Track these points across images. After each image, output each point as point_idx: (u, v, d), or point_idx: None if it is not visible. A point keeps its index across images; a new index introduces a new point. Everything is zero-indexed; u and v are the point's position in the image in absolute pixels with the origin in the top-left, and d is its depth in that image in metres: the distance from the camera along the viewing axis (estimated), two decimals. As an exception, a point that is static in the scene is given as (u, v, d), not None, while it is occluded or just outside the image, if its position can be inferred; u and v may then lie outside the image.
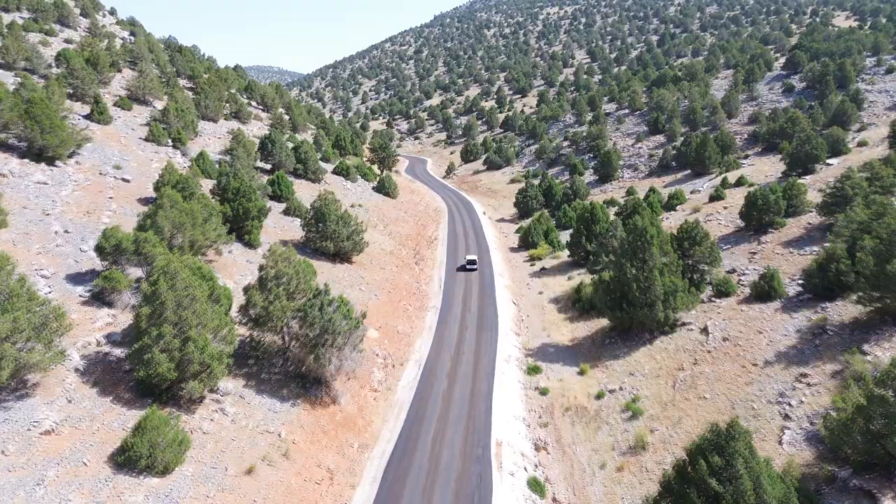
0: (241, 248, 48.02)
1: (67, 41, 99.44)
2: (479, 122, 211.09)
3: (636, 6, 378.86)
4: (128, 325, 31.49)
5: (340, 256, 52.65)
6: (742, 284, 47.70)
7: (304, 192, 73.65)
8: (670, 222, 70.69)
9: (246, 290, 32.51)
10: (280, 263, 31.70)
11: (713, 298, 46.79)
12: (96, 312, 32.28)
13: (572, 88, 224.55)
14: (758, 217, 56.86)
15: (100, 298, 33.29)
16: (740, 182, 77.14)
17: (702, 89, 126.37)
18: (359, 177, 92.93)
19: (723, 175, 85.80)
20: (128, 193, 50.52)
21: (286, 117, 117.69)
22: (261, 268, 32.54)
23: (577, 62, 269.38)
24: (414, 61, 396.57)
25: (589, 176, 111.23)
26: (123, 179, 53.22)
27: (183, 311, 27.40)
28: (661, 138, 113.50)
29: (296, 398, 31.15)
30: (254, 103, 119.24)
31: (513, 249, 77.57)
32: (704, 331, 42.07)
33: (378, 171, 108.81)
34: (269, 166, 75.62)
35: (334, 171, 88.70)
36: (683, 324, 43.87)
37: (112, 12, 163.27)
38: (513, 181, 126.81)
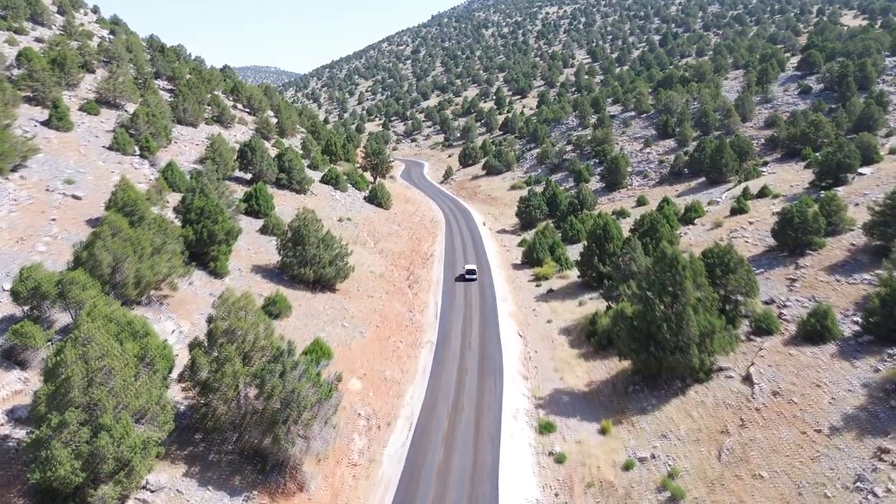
0: (205, 277, 41.48)
1: (38, 40, 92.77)
2: (478, 124, 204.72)
3: (636, 5, 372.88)
4: (40, 394, 24.90)
5: (322, 284, 46.11)
6: (784, 319, 41.27)
7: (288, 205, 67.12)
8: (689, 238, 64.31)
9: (192, 347, 26.01)
10: (233, 316, 25.23)
11: (752, 336, 40.34)
12: (3, 377, 25.74)
13: (573, 89, 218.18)
14: (794, 236, 50.42)
15: (10, 357, 26.76)
16: (763, 193, 70.75)
17: (712, 91, 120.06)
18: (349, 186, 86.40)
19: (742, 184, 79.47)
20: (76, 214, 43.94)
21: (274, 121, 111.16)
22: (209, 319, 26.04)
23: (577, 62, 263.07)
24: (411, 61, 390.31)
25: (595, 183, 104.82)
26: (74, 196, 46.64)
27: (96, 388, 20.91)
28: (671, 143, 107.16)
29: (251, 488, 24.61)
30: (239, 106, 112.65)
31: (516, 266, 71.10)
32: (747, 380, 35.60)
33: (371, 179, 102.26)
34: (248, 176, 69.08)
35: (322, 180, 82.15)
36: (720, 369, 37.41)
37: (95, 10, 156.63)
38: (513, 187, 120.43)
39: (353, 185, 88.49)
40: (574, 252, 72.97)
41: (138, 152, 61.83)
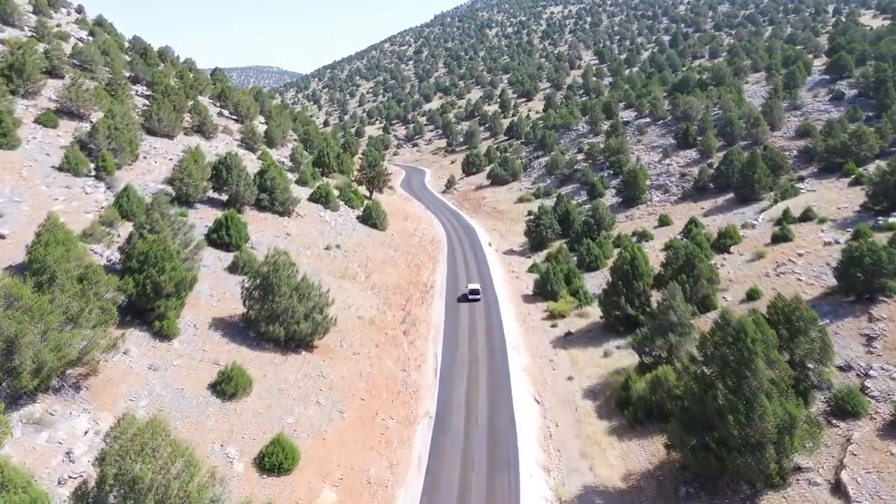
0: (147, 341, 33.33)
1: (3, 42, 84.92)
2: (482, 128, 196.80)
3: (643, 5, 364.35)
4: None
5: (297, 342, 37.94)
6: (870, 396, 32.99)
7: (268, 231, 59.05)
8: (727, 272, 55.95)
9: (76, 498, 17.86)
10: (132, 454, 17.13)
11: (832, 419, 32.12)
12: None
13: (581, 91, 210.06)
14: (863, 280, 42.10)
15: None
16: (808, 216, 62.50)
17: (734, 96, 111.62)
18: (341, 204, 78.24)
19: (778, 203, 71.16)
20: (-5, 258, 35.88)
21: (264, 128, 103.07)
22: (99, 459, 17.87)
23: (584, 64, 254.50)
24: (413, 62, 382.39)
25: (610, 197, 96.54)
26: (-3, 235, 38.62)
27: None
28: (692, 153, 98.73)
29: None
30: (226, 112, 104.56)
31: (527, 298, 62.91)
32: (839, 491, 27.34)
33: (366, 192, 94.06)
34: (225, 198, 60.97)
35: (311, 198, 73.99)
36: (799, 469, 29.15)
37: (79, 10, 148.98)
38: (521, 200, 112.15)
39: (347, 202, 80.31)
40: (593, 282, 64.87)
41: (93, 172, 53.79)
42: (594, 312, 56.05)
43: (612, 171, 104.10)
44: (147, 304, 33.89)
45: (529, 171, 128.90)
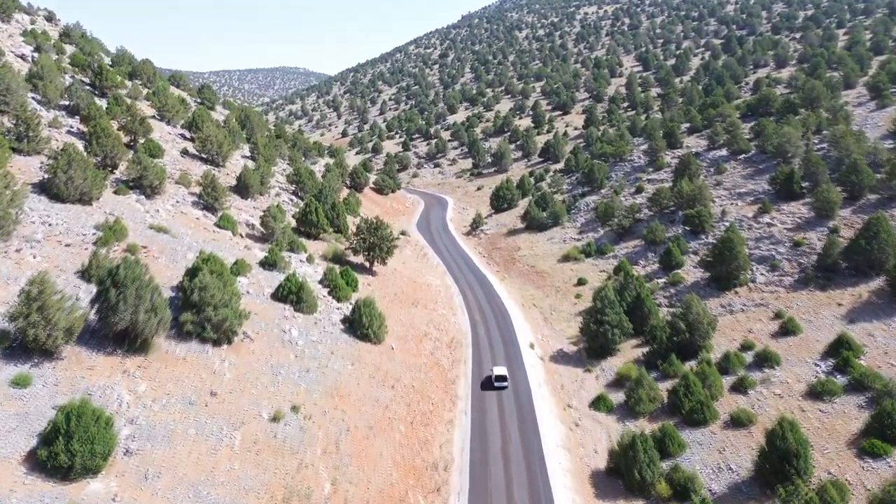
0: None
1: None
2: (513, 147, 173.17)
3: (687, 4, 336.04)
4: None
5: None
6: None
7: (179, 390, 36.22)
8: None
9: None
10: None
11: None
12: None
13: (625, 105, 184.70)
14: None
15: None
16: None
17: (844, 126, 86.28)
18: (321, 295, 55.40)
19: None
20: None
21: (242, 166, 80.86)
22: None
23: (626, 71, 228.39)
24: (439, 66, 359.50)
25: (690, 267, 72.18)
26: None
27: None
28: (801, 209, 73.53)
29: None
30: (193, 149, 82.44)
31: (599, 483, 39.53)
32: None
33: (364, 261, 70.79)
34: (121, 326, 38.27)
35: (276, 296, 51.27)
36: None
37: (49, 18, 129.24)
38: (566, 258, 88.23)
39: (332, 289, 57.41)
40: (701, 455, 41.02)
41: None
42: (725, 552, 32.32)
43: (687, 228, 79.59)
44: None
45: (574, 214, 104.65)
